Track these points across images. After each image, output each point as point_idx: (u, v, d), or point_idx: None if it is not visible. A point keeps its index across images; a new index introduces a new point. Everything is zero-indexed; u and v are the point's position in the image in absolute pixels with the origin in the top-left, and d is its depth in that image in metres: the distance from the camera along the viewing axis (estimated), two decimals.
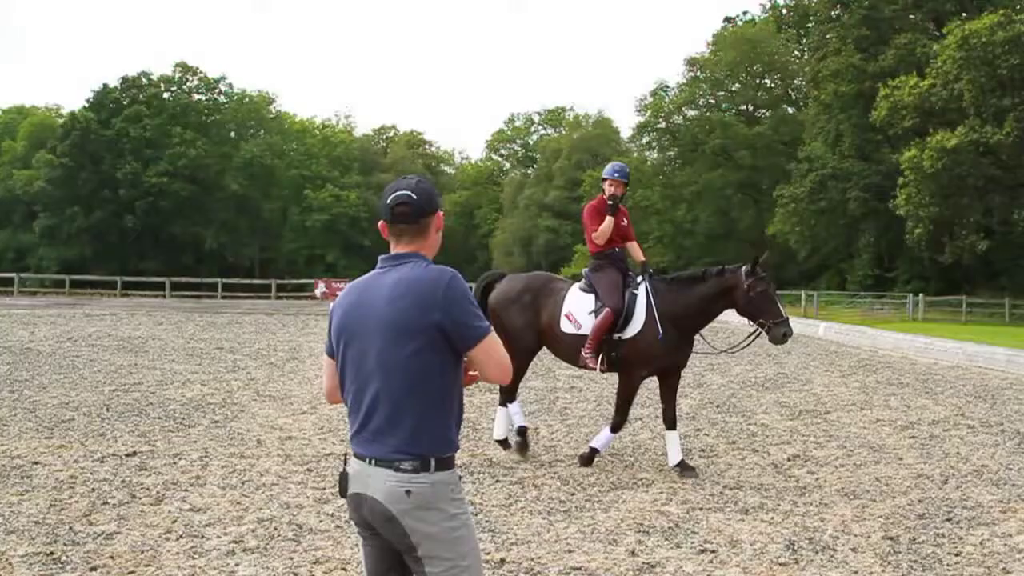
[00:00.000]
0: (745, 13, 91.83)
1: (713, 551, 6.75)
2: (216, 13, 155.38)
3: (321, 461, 9.49)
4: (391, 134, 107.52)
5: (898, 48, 54.16)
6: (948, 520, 7.74)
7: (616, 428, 9.61)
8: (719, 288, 9.28)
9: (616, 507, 7.94)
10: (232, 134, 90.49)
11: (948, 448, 10.99)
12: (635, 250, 10.21)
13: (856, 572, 6.38)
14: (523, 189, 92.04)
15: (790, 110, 74.80)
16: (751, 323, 9.37)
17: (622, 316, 9.37)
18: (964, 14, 52.21)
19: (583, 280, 9.91)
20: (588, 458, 9.55)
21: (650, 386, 15.59)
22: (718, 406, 14.01)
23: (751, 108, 75.79)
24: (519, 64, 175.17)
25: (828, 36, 59.82)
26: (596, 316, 9.43)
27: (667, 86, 76.67)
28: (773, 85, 75.90)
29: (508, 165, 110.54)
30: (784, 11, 76.24)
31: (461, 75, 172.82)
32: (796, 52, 75.94)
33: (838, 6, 60.09)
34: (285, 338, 25.53)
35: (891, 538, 7.18)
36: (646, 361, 9.42)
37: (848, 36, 57.16)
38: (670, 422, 9.46)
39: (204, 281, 58.79)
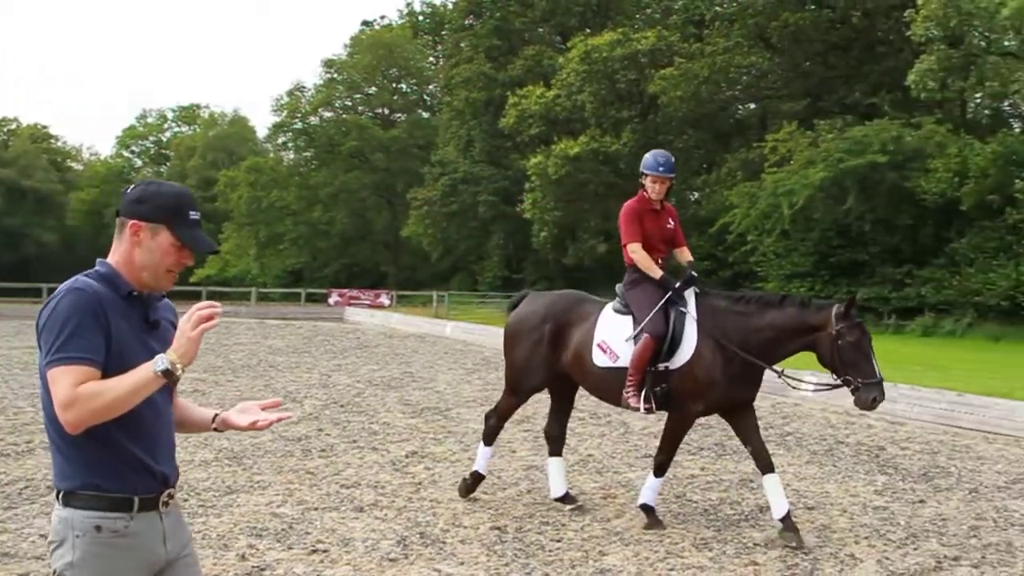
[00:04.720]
0: (383, 18, 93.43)
1: (325, 551, 6.72)
2: None
3: None
4: (13, 126, 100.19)
5: (526, 59, 56.70)
6: (553, 508, 8.08)
7: (661, 471, 7.78)
8: (798, 322, 7.40)
9: (230, 511, 7.74)
10: None
11: None
12: (682, 253, 8.35)
13: (463, 563, 6.53)
14: None
15: (425, 115, 76.55)
16: (835, 377, 7.38)
17: (666, 342, 7.59)
18: (588, 30, 55.17)
19: (617, 299, 8.14)
20: (653, 521, 7.63)
21: (291, 386, 15.38)
22: (343, 405, 13.97)
23: (387, 111, 76.79)
24: (151, 59, 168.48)
25: (462, 44, 61.61)
26: (635, 343, 7.68)
27: (304, 87, 76.51)
28: (409, 90, 77.31)
29: (140, 162, 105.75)
30: (420, 17, 77.99)
31: (88, 68, 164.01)
32: (431, 58, 77.88)
33: (471, 16, 61.99)
34: None
35: (498, 528, 7.41)
36: (700, 394, 7.57)
37: (480, 45, 59.20)
38: (765, 464, 7.51)
39: None
